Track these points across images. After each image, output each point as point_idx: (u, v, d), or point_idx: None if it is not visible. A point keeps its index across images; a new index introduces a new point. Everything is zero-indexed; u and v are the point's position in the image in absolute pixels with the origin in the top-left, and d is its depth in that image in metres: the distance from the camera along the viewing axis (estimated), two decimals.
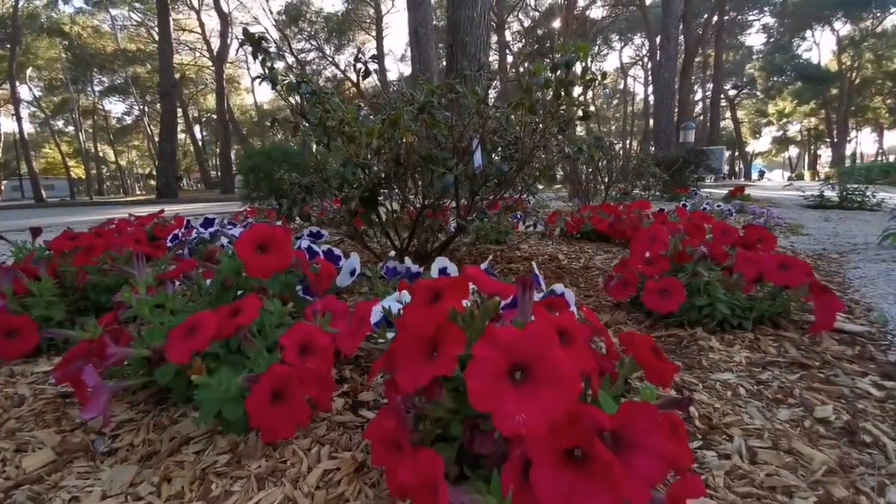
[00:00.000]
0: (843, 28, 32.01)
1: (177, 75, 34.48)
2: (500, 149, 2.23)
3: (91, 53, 30.94)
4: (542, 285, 1.21)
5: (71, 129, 38.46)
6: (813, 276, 1.33)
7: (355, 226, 2.18)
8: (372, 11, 28.41)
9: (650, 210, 3.37)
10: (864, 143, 49.17)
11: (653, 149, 5.49)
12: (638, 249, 1.61)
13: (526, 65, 31.63)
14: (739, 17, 24.87)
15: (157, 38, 22.59)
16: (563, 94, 1.86)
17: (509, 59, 31.54)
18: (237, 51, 34.28)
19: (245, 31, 1.72)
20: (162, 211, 3.10)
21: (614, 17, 23.89)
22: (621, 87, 42.09)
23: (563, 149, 2.23)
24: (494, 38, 30.13)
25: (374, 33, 29.17)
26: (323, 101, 1.87)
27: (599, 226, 3.22)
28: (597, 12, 27.69)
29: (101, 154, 43.55)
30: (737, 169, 43.60)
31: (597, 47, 32.56)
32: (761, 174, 49.45)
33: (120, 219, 2.85)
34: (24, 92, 34.37)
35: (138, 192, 46.00)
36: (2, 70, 23.91)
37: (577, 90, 1.87)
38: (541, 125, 2.03)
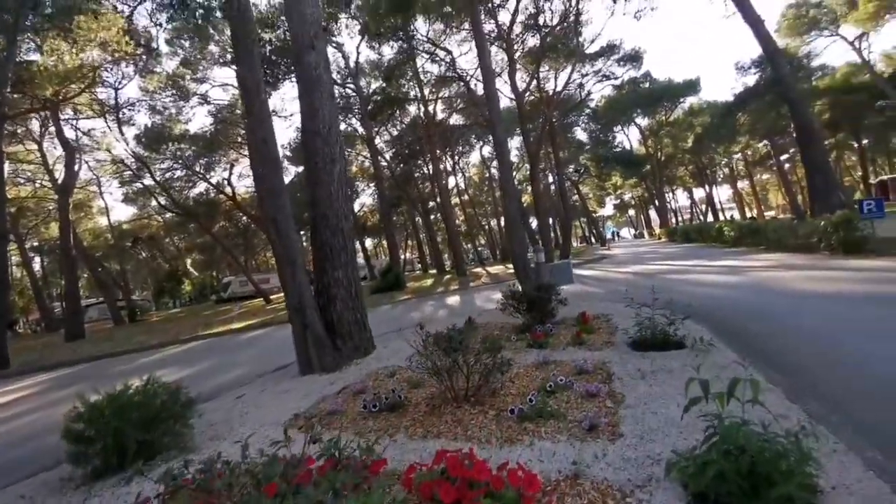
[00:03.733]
0: (644, 121, 41.27)
1: (12, 209, 30.49)
2: None
3: None
4: None
5: None
6: None
7: None
8: (242, 131, 28.91)
9: None
10: (680, 199, 61.38)
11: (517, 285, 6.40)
12: None
13: (401, 166, 34.54)
14: (566, 120, 30.72)
15: None
16: None
17: (384, 160, 34.06)
18: (91, 178, 31.83)
19: None
20: None
21: (469, 124, 27.71)
22: (487, 175, 47.58)
23: None
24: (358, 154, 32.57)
25: (245, 151, 29.45)
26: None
27: None
28: (455, 118, 31.95)
29: None
30: (589, 234, 50.78)
31: (459, 147, 37.15)
32: (615, 234, 58.26)
33: None
34: None
35: None
36: None
37: None
38: None
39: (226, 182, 33.01)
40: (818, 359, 4.06)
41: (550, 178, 37.36)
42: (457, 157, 40.69)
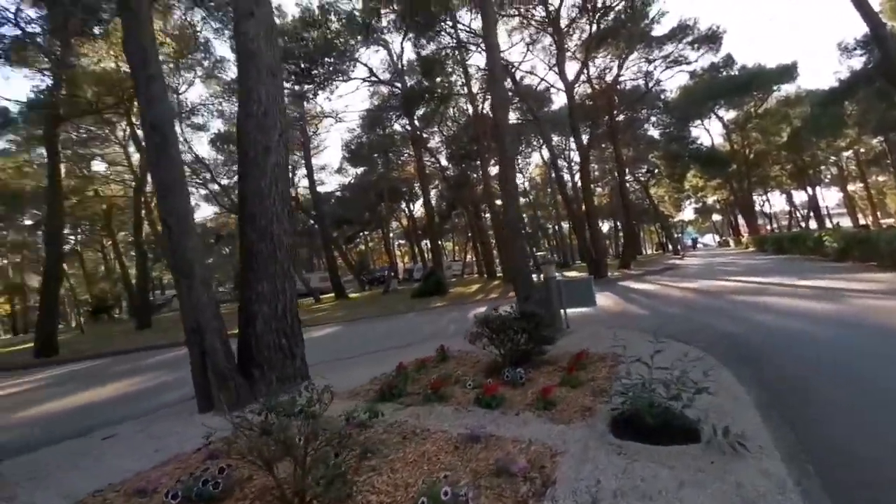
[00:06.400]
0: (728, 114, 36.37)
1: (103, 206, 33.94)
2: None
3: (12, 192, 30.02)
4: None
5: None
6: None
7: None
8: (299, 133, 29.64)
9: None
10: (777, 203, 53.77)
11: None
12: None
13: (456, 167, 33.41)
14: (632, 114, 27.58)
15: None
16: None
17: (438, 162, 33.22)
18: None
19: None
20: None
21: (522, 121, 25.83)
22: (552, 175, 45.08)
23: None
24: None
25: (301, 153, 30.20)
26: None
27: None
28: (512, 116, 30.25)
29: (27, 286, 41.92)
30: (663, 241, 45.89)
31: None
32: (695, 242, 52.32)
33: None
34: None
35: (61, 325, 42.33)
36: None
37: None
38: None
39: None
40: None
41: (612, 179, 34.29)
42: (517, 158, 38.87)
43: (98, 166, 33.03)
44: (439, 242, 60.59)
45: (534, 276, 8.58)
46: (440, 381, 4.23)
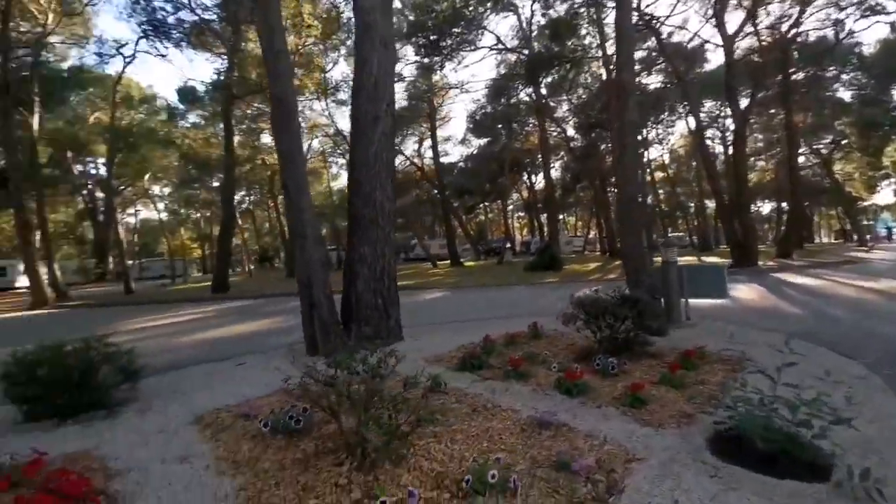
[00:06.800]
0: None
1: (268, 173, 39.71)
2: None
3: (202, 159, 37.02)
4: None
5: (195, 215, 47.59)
6: None
7: None
8: (426, 105, 30.65)
9: None
10: None
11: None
12: None
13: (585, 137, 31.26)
14: (818, 72, 22.22)
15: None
16: None
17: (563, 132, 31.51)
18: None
19: None
20: None
21: (665, 86, 22.78)
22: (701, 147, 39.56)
23: None
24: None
25: (427, 124, 31.26)
26: None
27: None
28: (652, 80, 26.89)
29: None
30: (846, 228, 37.05)
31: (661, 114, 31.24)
32: (890, 232, 41.32)
33: None
34: (156, 189, 42.96)
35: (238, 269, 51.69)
36: (136, 171, 32.02)
37: None
38: None
39: (416, 154, 36.12)
40: None
41: (780, 152, 28.53)
42: (657, 127, 34.86)
43: (265, 139, 38.74)
44: (561, 217, 58.21)
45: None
46: (523, 359, 4.07)
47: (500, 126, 32.66)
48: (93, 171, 37.92)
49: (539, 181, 40.67)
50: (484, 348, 4.61)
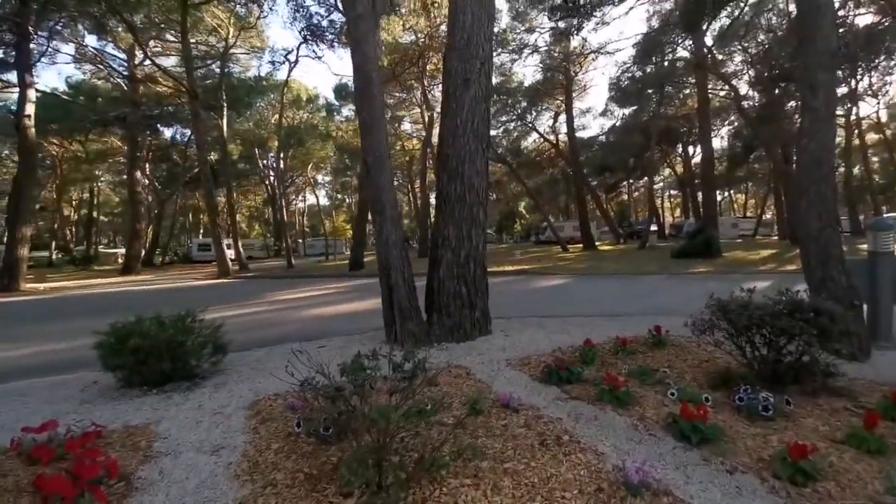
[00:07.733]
0: None
1: (406, 158, 42.30)
2: None
3: (353, 149, 41.16)
4: None
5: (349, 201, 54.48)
6: None
7: None
8: (562, 76, 28.50)
9: None
10: None
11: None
12: None
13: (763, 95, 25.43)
14: None
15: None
16: None
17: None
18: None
19: None
20: None
21: (881, 23, 16.81)
22: None
23: None
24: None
25: (563, 97, 29.11)
26: None
27: None
28: (863, 19, 20.30)
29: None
30: None
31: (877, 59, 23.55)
32: None
33: None
34: (319, 177, 49.77)
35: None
36: (303, 163, 37.43)
37: None
38: None
39: (550, 130, 34.22)
40: None
41: None
42: (870, 75, 26.73)
43: (405, 126, 41.04)
44: (725, 194, 49.47)
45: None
46: (629, 377, 3.09)
47: (650, 91, 28.57)
48: (273, 165, 45.39)
49: (697, 153, 34.86)
50: (582, 355, 3.71)
